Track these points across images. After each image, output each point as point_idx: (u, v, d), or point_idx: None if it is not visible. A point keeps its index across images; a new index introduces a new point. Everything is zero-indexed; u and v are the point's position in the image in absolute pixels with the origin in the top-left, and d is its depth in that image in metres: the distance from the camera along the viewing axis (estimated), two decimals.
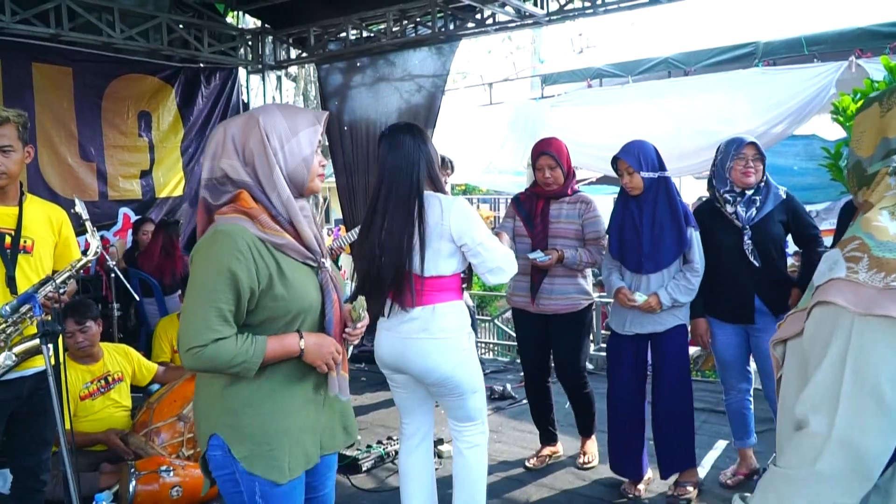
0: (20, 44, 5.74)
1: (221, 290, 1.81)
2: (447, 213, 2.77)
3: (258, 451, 1.93)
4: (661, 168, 3.53)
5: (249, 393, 1.92)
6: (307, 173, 1.96)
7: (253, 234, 1.86)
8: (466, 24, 6.31)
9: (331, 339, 1.99)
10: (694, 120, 7.06)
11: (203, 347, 1.80)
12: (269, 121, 1.91)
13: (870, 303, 1.15)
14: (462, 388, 2.87)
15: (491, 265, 2.81)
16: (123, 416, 4.11)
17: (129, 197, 6.76)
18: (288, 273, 1.91)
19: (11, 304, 2.54)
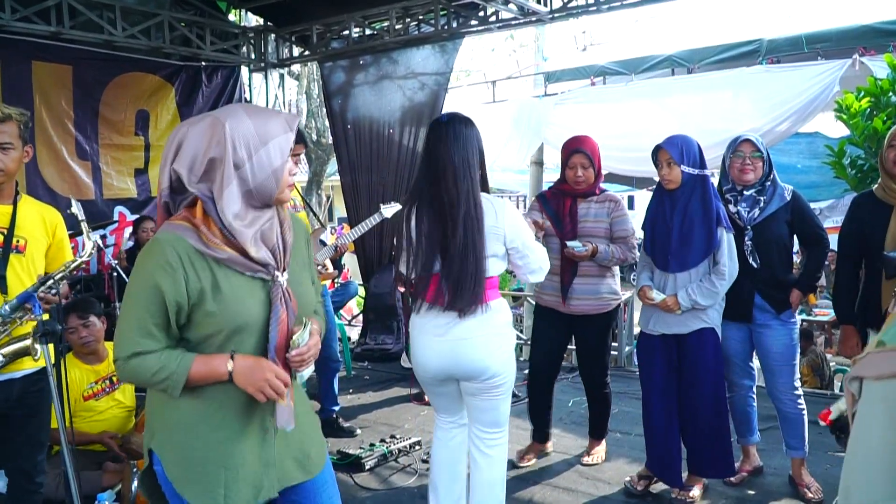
0: (20, 41, 5.73)
1: (146, 303, 1.73)
2: (500, 215, 2.76)
3: (190, 475, 1.81)
4: (703, 166, 3.43)
5: (185, 412, 1.81)
6: (276, 186, 1.79)
7: (191, 244, 1.74)
8: (469, 22, 6.30)
9: (268, 364, 1.79)
10: (698, 118, 7.03)
11: (124, 360, 1.74)
12: (236, 128, 1.74)
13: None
14: (507, 384, 2.87)
15: (534, 266, 2.86)
16: (126, 416, 4.10)
17: (125, 195, 6.76)
18: (225, 288, 1.76)
19: (11, 303, 2.53)
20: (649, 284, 3.53)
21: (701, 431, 3.52)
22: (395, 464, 4.23)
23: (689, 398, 3.52)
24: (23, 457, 2.97)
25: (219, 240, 1.76)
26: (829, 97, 5.98)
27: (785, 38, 6.90)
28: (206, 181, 1.76)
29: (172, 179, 1.79)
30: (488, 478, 2.93)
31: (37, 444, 3.01)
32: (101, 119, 6.50)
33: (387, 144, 6.80)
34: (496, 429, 2.92)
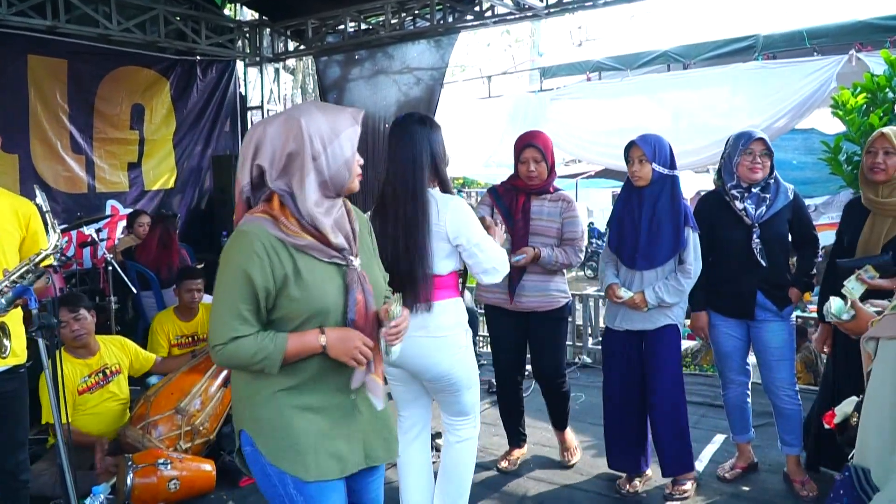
0: (16, 35, 5.72)
1: (238, 291, 1.85)
2: (442, 212, 2.74)
3: (281, 444, 1.94)
4: (672, 167, 3.49)
5: (270, 389, 1.94)
6: (349, 175, 1.95)
7: (272, 234, 1.86)
8: (465, 17, 6.29)
9: (356, 333, 1.94)
10: (693, 114, 7.04)
11: (223, 345, 1.86)
12: (311, 123, 1.88)
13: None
14: (458, 384, 2.87)
15: (486, 266, 2.80)
16: (121, 409, 4.10)
17: (117, 189, 6.75)
18: (305, 274, 1.89)
19: (7, 297, 2.52)
20: (616, 282, 3.56)
21: (662, 426, 3.58)
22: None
23: (652, 393, 3.58)
24: (5, 457, 2.95)
25: (297, 228, 1.89)
26: (826, 93, 5.98)
27: (781, 34, 6.90)
28: (284, 176, 1.89)
29: (253, 176, 1.92)
30: (455, 458, 3.01)
31: (17, 444, 2.99)
32: (97, 113, 6.49)
33: (382, 140, 6.79)
34: (462, 416, 2.99)
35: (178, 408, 3.96)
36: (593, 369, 6.22)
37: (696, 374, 6.26)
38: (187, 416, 3.94)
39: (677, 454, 3.61)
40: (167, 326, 4.85)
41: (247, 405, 1.99)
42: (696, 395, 4.94)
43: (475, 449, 3.05)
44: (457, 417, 2.99)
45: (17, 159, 5.90)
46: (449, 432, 3.02)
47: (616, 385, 3.69)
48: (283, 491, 1.95)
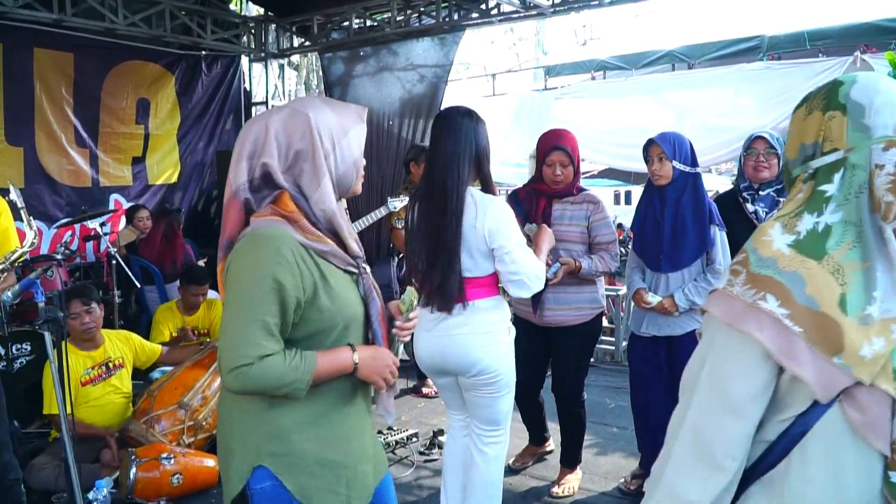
0: (22, 28, 5.72)
1: (265, 301, 1.60)
2: (481, 213, 2.65)
3: (316, 483, 1.71)
4: (694, 164, 3.39)
5: (299, 415, 1.71)
6: (355, 176, 1.79)
7: (296, 238, 1.66)
8: (470, 15, 6.29)
9: (387, 353, 1.80)
10: (697, 114, 7.05)
11: (249, 366, 1.58)
12: (320, 118, 1.70)
13: (735, 316, 1.22)
14: (500, 383, 2.79)
15: (514, 277, 2.66)
16: (124, 402, 4.11)
17: (120, 183, 6.76)
18: (332, 281, 1.70)
19: (14, 289, 2.53)
20: (644, 287, 3.46)
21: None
22: (392, 455, 4.24)
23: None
24: None
25: (317, 232, 1.71)
26: None
27: (786, 35, 6.90)
28: (292, 175, 1.71)
29: (255, 176, 1.71)
30: (485, 476, 2.90)
31: (1, 445, 2.96)
32: (103, 107, 6.50)
33: (386, 136, 6.79)
34: (494, 427, 2.88)
35: (181, 403, 3.97)
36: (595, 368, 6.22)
37: None
38: (190, 411, 3.95)
39: None
40: (169, 319, 4.87)
41: (267, 437, 1.70)
42: None
43: (503, 465, 2.97)
44: (488, 427, 2.88)
45: (23, 152, 5.90)
46: (476, 445, 2.90)
47: (645, 392, 3.59)
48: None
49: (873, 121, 1.25)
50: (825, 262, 1.20)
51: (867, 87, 1.28)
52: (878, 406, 1.18)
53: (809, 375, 1.17)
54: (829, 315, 1.17)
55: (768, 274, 1.21)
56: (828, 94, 1.32)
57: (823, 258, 1.20)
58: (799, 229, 1.25)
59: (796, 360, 1.18)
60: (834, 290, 1.18)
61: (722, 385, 1.23)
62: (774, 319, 1.18)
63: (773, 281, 1.21)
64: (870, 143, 1.25)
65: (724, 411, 1.23)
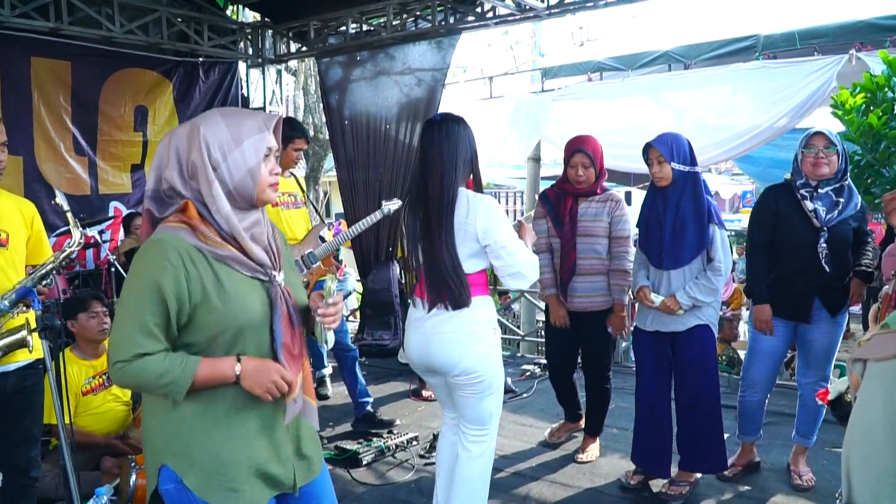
0: (19, 37, 5.72)
1: (146, 303, 1.70)
2: (472, 211, 2.73)
3: (213, 481, 1.79)
4: (693, 163, 3.46)
5: (199, 416, 1.80)
6: (254, 185, 1.82)
7: (190, 243, 1.75)
8: (466, 18, 6.29)
9: (274, 365, 1.82)
10: (694, 114, 7.04)
11: (126, 363, 1.70)
12: (209, 131, 1.79)
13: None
14: (483, 383, 2.82)
15: (512, 270, 2.75)
16: (124, 410, 4.11)
17: (120, 191, 6.76)
18: (228, 286, 1.78)
19: (10, 298, 2.54)
20: (647, 285, 3.55)
21: (694, 426, 3.56)
22: (392, 459, 4.25)
23: (684, 394, 3.56)
24: (17, 452, 2.97)
25: (217, 238, 1.79)
26: (826, 93, 5.98)
27: (781, 34, 6.89)
28: (194, 183, 1.79)
29: (163, 187, 1.82)
30: (468, 474, 2.92)
31: (30, 439, 3.01)
32: (101, 115, 6.50)
33: (383, 140, 6.80)
34: (479, 426, 2.91)
35: None
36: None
37: None
38: None
39: (714, 455, 3.60)
40: None
41: (169, 437, 1.81)
42: None
43: (490, 463, 2.99)
44: (474, 427, 2.91)
45: (22, 161, 5.91)
46: (463, 444, 2.94)
47: (648, 387, 3.68)
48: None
49: None
50: None
51: None
52: None
53: None
54: None
55: None
56: None
57: None
58: None
59: None
60: None
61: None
62: None
63: None
64: None
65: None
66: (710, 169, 17.21)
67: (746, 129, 6.72)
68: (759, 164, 9.28)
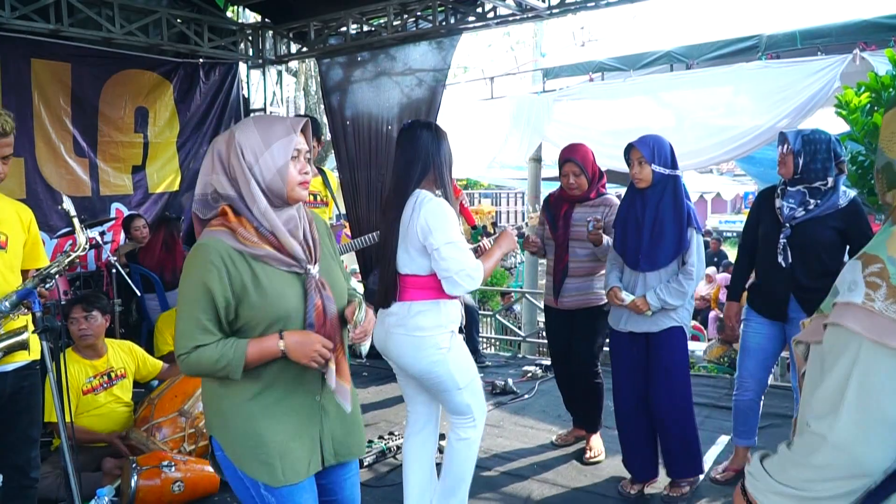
0: (19, 39, 5.71)
1: (198, 302, 1.93)
2: (416, 212, 2.77)
3: (248, 453, 2.02)
4: (674, 166, 3.45)
5: (237, 396, 2.02)
6: (283, 184, 1.99)
7: (229, 245, 1.95)
8: (467, 18, 6.28)
9: (316, 336, 2.01)
10: (696, 114, 7.03)
11: (187, 355, 1.94)
12: (242, 136, 1.99)
13: (882, 332, 1.14)
14: (444, 384, 2.89)
15: (444, 274, 2.72)
16: (125, 412, 4.11)
17: (121, 192, 6.74)
18: (265, 282, 1.97)
19: (11, 299, 2.53)
20: (618, 285, 3.55)
21: (668, 429, 3.57)
22: (393, 460, 4.23)
23: (656, 396, 3.55)
24: (16, 453, 2.98)
25: (255, 238, 1.98)
26: (830, 93, 5.96)
27: (785, 34, 6.88)
28: (234, 185, 1.99)
29: (209, 192, 2.03)
30: (452, 456, 3.03)
31: (29, 440, 3.01)
32: (101, 116, 6.49)
33: (385, 141, 6.78)
34: (460, 416, 3.00)
35: (181, 410, 3.96)
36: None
37: (701, 374, 6.26)
38: (191, 419, 3.94)
39: (686, 458, 3.60)
40: (171, 326, 4.86)
41: (215, 413, 2.08)
42: (700, 396, 4.93)
43: (475, 449, 3.05)
44: (456, 416, 3.02)
45: (23, 162, 5.90)
46: (451, 430, 3.06)
47: (624, 389, 3.68)
48: (254, 493, 2.04)
49: None
50: None
51: None
52: None
53: None
54: None
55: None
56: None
57: None
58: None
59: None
60: None
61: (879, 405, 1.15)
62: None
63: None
64: None
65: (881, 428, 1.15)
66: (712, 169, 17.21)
67: (748, 130, 6.71)
68: (761, 164, 9.26)
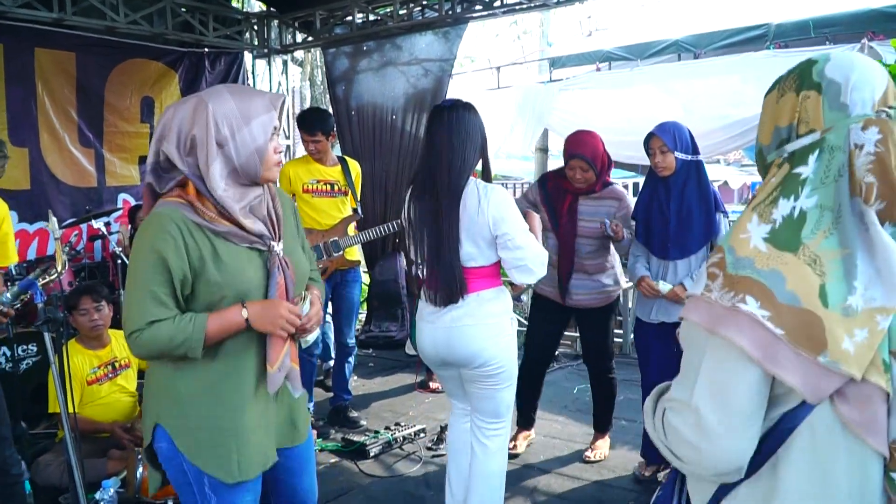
0: (23, 28, 5.69)
1: (153, 274, 1.79)
2: (484, 200, 2.66)
3: (203, 445, 1.89)
4: (695, 151, 3.41)
5: (193, 384, 1.89)
6: (260, 163, 1.87)
7: (188, 217, 1.82)
8: (474, 7, 6.24)
9: (281, 302, 1.90)
10: (704, 104, 6.97)
11: (140, 332, 1.79)
12: (219, 107, 1.82)
13: (716, 322, 1.16)
14: (504, 374, 2.81)
15: (519, 263, 2.67)
16: (130, 402, 4.10)
17: (128, 183, 6.73)
18: (225, 257, 1.85)
19: (13, 290, 2.52)
20: (648, 275, 3.51)
21: None
22: (399, 451, 4.23)
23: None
24: None
25: (214, 213, 1.86)
26: None
27: (793, 23, 6.82)
28: (191, 159, 1.84)
29: (160, 160, 1.87)
30: (485, 469, 2.90)
31: (1, 440, 2.98)
32: (107, 106, 6.47)
33: (390, 131, 6.77)
34: (495, 419, 2.89)
35: None
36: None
37: None
38: None
39: None
40: None
41: (165, 401, 1.93)
42: None
43: (505, 458, 2.98)
44: (489, 420, 2.89)
45: (27, 153, 5.89)
46: (478, 438, 2.92)
47: (654, 378, 3.57)
48: (196, 489, 1.92)
49: (850, 98, 1.19)
50: (801, 253, 1.13)
51: (842, 64, 1.20)
52: (871, 402, 1.12)
53: (796, 381, 1.11)
54: (810, 310, 1.10)
55: (746, 275, 1.15)
56: (801, 74, 1.25)
57: (799, 249, 1.13)
58: (774, 217, 1.17)
59: (780, 365, 1.11)
60: (812, 281, 1.11)
61: (724, 396, 1.16)
62: (755, 322, 1.12)
63: (752, 281, 1.14)
64: (848, 122, 1.17)
65: (726, 414, 1.16)
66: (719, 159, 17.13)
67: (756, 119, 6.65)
68: None
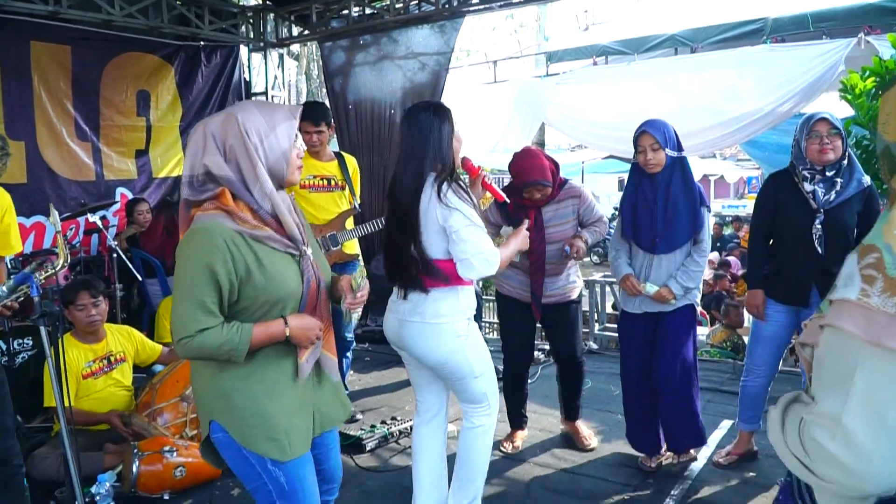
0: (18, 21, 5.68)
1: (202, 285, 1.93)
2: (435, 194, 2.71)
3: (255, 431, 2.06)
4: (680, 148, 3.48)
5: (235, 378, 2.05)
6: (286, 166, 2.05)
7: (230, 228, 1.97)
8: (470, 1, 6.23)
9: (315, 321, 2.11)
10: (700, 98, 6.98)
11: (191, 338, 1.94)
12: (247, 117, 2.00)
13: (881, 332, 1.05)
14: (460, 372, 2.86)
15: (461, 256, 2.67)
16: (126, 396, 4.11)
17: (125, 177, 6.72)
18: (267, 263, 2.01)
19: (9, 284, 2.51)
20: (631, 272, 3.59)
21: (670, 403, 3.62)
22: (395, 445, 4.24)
23: (661, 369, 3.60)
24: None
25: (253, 220, 2.01)
26: (835, 77, 5.91)
27: (789, 17, 6.83)
28: (233, 165, 2.00)
29: (197, 174, 2.02)
30: (468, 444, 3.01)
31: (4, 430, 2.99)
32: (103, 100, 6.46)
33: (388, 125, 6.76)
34: (475, 404, 2.99)
35: (183, 395, 3.96)
36: (600, 355, 6.21)
37: (704, 359, 6.24)
38: (193, 404, 3.94)
39: (691, 428, 3.68)
40: None
41: (216, 395, 2.09)
42: (703, 381, 4.92)
43: (490, 436, 3.04)
44: (470, 405, 3.00)
45: (24, 146, 5.88)
46: (465, 419, 3.04)
47: (634, 367, 3.73)
48: (261, 469, 2.08)
49: None
50: None
51: None
52: None
53: None
54: None
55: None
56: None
57: None
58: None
59: None
60: None
61: (883, 418, 1.07)
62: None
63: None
64: None
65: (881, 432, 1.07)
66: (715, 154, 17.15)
67: (752, 113, 6.65)
68: (766, 148, 9.21)
